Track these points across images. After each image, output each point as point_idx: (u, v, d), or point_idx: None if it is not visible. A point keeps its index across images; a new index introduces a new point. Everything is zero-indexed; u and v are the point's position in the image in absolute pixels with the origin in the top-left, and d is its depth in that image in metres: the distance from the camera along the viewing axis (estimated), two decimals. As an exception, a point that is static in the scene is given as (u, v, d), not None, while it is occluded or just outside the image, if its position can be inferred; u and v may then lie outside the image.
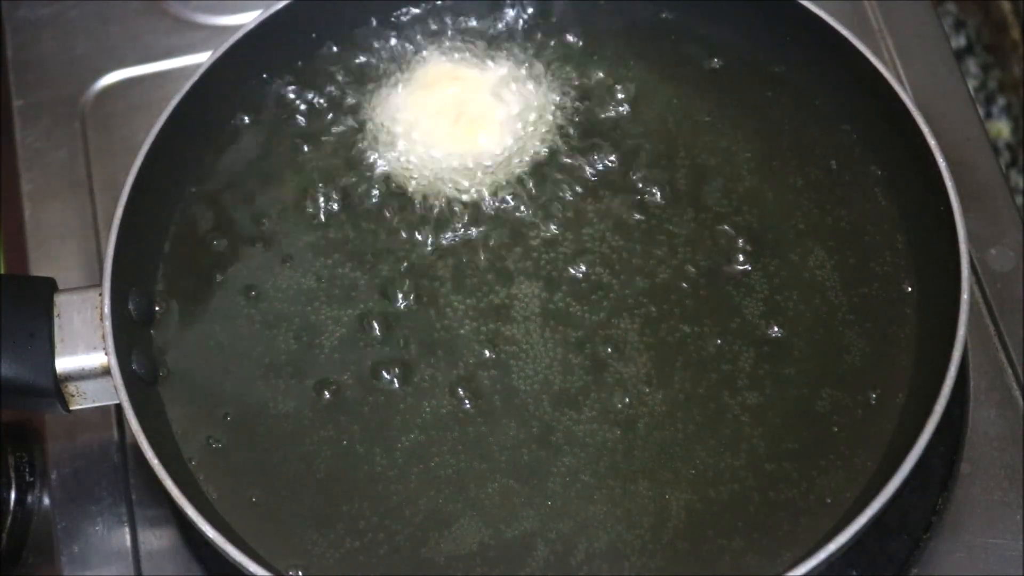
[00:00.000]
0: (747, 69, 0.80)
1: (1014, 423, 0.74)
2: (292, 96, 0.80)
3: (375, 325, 0.72)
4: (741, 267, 0.73)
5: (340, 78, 0.81)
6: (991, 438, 0.74)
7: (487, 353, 0.71)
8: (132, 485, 0.75)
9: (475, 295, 0.73)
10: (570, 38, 0.82)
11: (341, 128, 0.79)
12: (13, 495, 0.75)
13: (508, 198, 0.76)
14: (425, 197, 0.76)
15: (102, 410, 0.76)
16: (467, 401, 0.70)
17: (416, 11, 0.83)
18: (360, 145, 0.78)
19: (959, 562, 0.71)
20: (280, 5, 0.79)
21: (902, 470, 0.62)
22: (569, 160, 0.77)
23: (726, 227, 0.74)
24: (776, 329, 0.71)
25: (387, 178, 0.77)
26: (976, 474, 0.73)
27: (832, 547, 0.61)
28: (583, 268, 0.73)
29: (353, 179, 0.77)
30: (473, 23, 0.83)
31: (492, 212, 0.76)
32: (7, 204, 0.87)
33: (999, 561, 0.70)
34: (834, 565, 0.63)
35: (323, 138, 0.79)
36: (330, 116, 0.79)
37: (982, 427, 0.74)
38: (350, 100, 0.80)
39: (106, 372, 0.67)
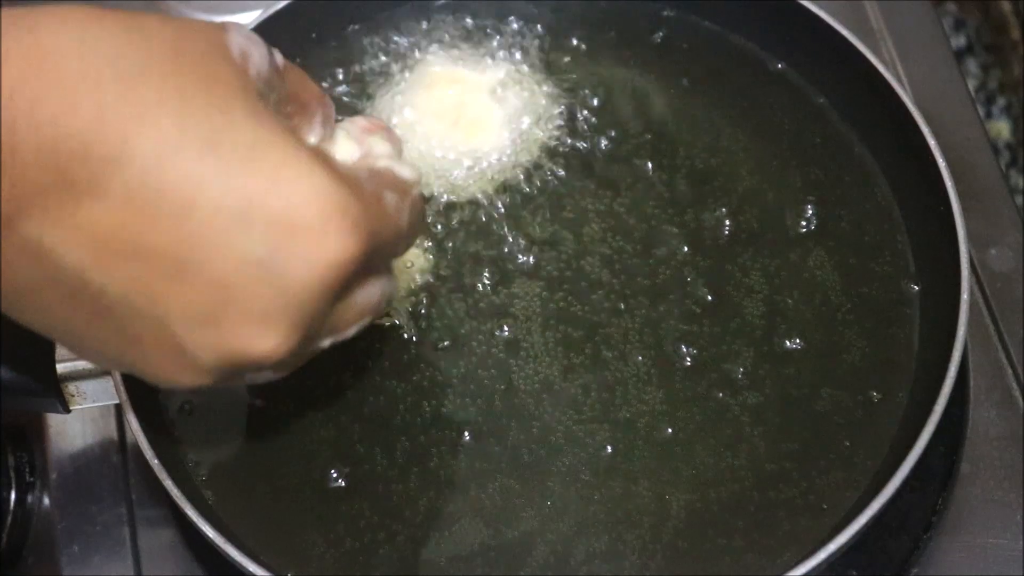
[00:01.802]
0: (748, 68, 0.80)
1: (1014, 423, 0.74)
2: (292, 96, 0.80)
3: (375, 325, 0.72)
4: (741, 267, 0.73)
5: (339, 79, 0.81)
6: (991, 438, 0.74)
7: (487, 353, 0.71)
8: (132, 485, 0.75)
9: (474, 295, 0.73)
10: (569, 39, 0.82)
11: (341, 128, 0.79)
12: (13, 495, 0.75)
13: (508, 199, 0.76)
14: (424, 198, 0.76)
15: (102, 410, 0.76)
16: (467, 401, 0.70)
17: (415, 12, 0.83)
18: (360, 145, 0.78)
19: (959, 562, 0.71)
20: (280, 5, 0.79)
21: (902, 470, 0.62)
22: (569, 160, 0.77)
23: (726, 226, 0.74)
24: (776, 329, 0.71)
25: (387, 178, 0.77)
26: (976, 474, 0.73)
27: (832, 547, 0.61)
28: (583, 268, 0.73)
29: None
30: (472, 24, 0.83)
31: (492, 213, 0.75)
32: (7, 204, 0.87)
33: (999, 561, 0.70)
34: (834, 565, 0.63)
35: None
36: (330, 116, 0.79)
37: (982, 427, 0.74)
38: (349, 101, 0.80)
39: (106, 372, 0.67)
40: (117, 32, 0.45)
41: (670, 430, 0.68)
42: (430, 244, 0.74)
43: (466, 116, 0.78)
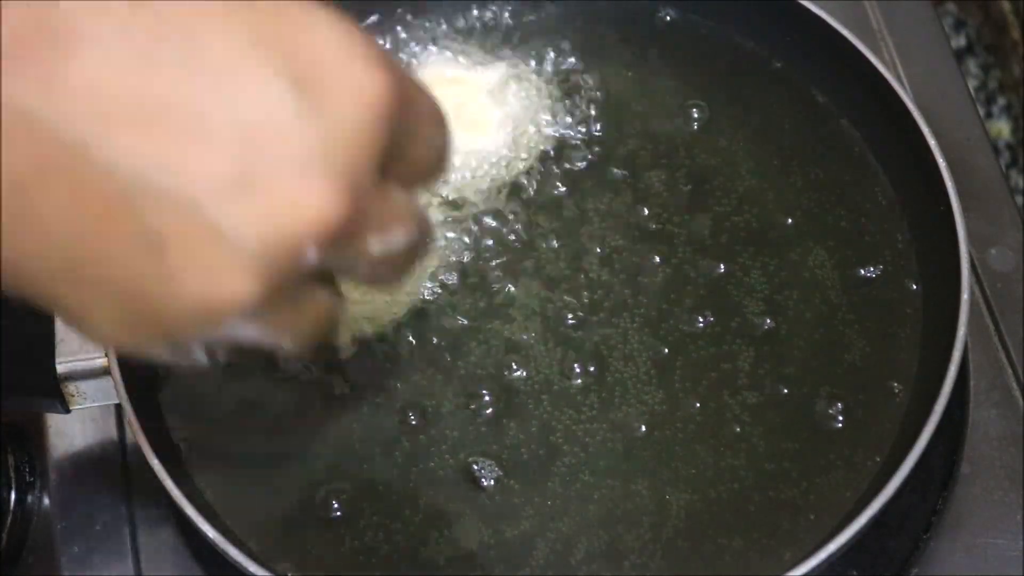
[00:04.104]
0: (748, 68, 0.80)
1: (1014, 423, 0.74)
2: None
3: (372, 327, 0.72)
4: (741, 267, 0.73)
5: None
6: (991, 438, 0.74)
7: (487, 353, 0.71)
8: (132, 485, 0.75)
9: (475, 295, 0.73)
10: (569, 39, 0.82)
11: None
12: (13, 495, 0.75)
13: (507, 199, 0.76)
14: (422, 199, 0.76)
15: (102, 410, 0.76)
16: (466, 401, 0.70)
17: (414, 13, 0.83)
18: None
19: (959, 562, 0.71)
20: (280, 5, 0.79)
21: (902, 470, 0.62)
22: (568, 160, 0.77)
23: (726, 227, 0.74)
24: (776, 329, 0.71)
25: (387, 178, 0.77)
26: (976, 474, 0.73)
27: (832, 547, 0.61)
28: (583, 268, 0.73)
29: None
30: (471, 25, 0.83)
31: (491, 213, 0.75)
32: (7, 204, 0.87)
33: (999, 561, 0.70)
34: (834, 565, 0.63)
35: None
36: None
37: (982, 427, 0.74)
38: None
39: (106, 372, 0.67)
40: None
41: (670, 430, 0.68)
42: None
43: (465, 117, 0.78)
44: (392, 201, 0.44)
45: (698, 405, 0.69)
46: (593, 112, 0.79)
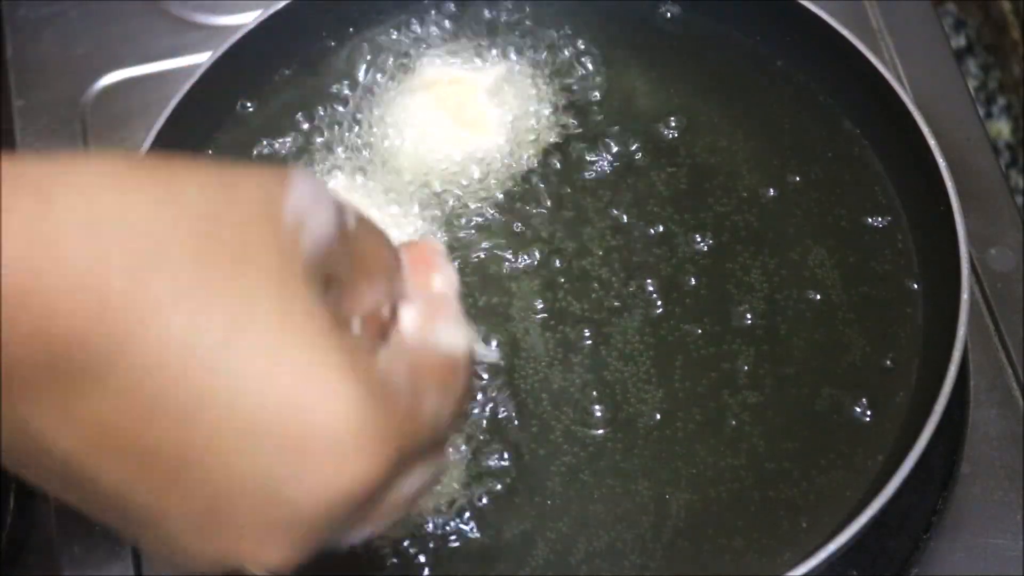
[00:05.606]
0: (748, 67, 0.80)
1: (1014, 423, 0.74)
2: (291, 96, 0.80)
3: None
4: (741, 267, 0.73)
5: (338, 79, 0.81)
6: (991, 438, 0.74)
7: (486, 352, 0.71)
8: (132, 485, 0.75)
9: (474, 294, 0.73)
10: (568, 38, 0.82)
11: (339, 129, 0.79)
12: (13, 495, 0.75)
13: (507, 198, 0.76)
14: (423, 199, 0.76)
15: (102, 410, 0.76)
16: (467, 401, 0.69)
17: (414, 12, 0.83)
18: (358, 146, 0.78)
19: (959, 562, 0.71)
20: (280, 5, 0.79)
21: (902, 470, 0.62)
22: (568, 160, 0.77)
23: (726, 227, 0.74)
24: (776, 329, 0.71)
25: (384, 180, 0.77)
26: (976, 474, 0.73)
27: (832, 547, 0.61)
28: (583, 268, 0.73)
29: (352, 181, 0.77)
30: (471, 25, 0.83)
31: (491, 212, 0.75)
32: (7, 204, 0.87)
33: (999, 561, 0.70)
34: (834, 565, 0.63)
35: (321, 139, 0.79)
36: (328, 117, 0.79)
37: (982, 427, 0.74)
38: (349, 101, 0.80)
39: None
40: (143, 206, 0.40)
41: (670, 430, 0.68)
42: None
43: (465, 116, 0.78)
44: (379, 507, 0.47)
45: (698, 405, 0.69)
46: (593, 111, 0.79)
